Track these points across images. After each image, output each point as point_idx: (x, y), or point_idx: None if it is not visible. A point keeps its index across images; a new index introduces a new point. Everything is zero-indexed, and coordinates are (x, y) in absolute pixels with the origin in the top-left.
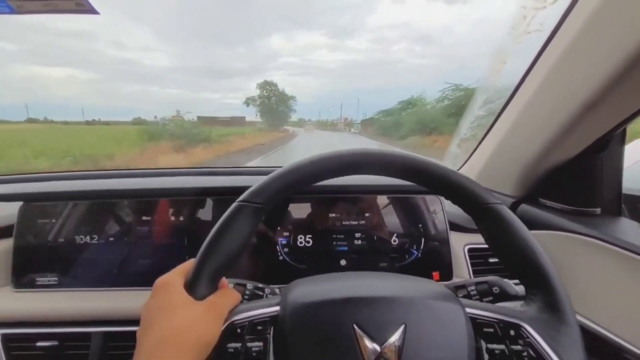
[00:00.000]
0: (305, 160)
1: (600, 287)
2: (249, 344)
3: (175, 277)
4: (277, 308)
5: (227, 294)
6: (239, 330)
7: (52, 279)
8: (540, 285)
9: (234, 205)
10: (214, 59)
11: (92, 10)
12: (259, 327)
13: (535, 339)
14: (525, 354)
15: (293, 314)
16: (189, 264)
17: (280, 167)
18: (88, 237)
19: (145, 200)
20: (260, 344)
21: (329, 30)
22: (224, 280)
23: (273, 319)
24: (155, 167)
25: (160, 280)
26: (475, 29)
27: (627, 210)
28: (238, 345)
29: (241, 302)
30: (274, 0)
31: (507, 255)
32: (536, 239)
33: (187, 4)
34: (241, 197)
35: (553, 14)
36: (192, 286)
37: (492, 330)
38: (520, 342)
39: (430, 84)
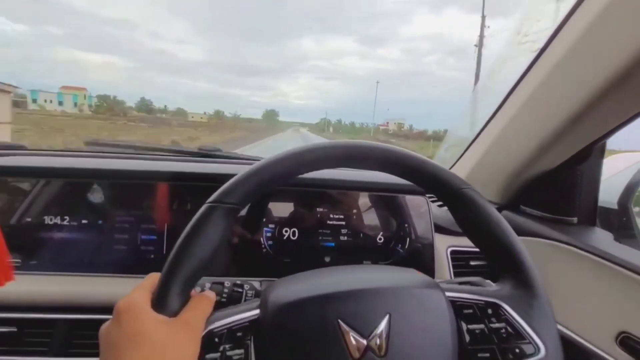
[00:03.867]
0: (282, 154)
1: (574, 292)
2: (228, 353)
3: (139, 296)
4: (257, 311)
5: (201, 302)
6: (216, 340)
7: (15, 260)
8: (511, 264)
9: (204, 206)
10: (245, 56)
11: None
12: (239, 334)
13: (511, 316)
14: (503, 330)
15: (275, 315)
16: (154, 278)
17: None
18: (58, 218)
19: (124, 182)
20: (241, 351)
21: (360, 37)
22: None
23: (253, 323)
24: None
25: (122, 303)
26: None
27: (600, 222)
28: (216, 355)
29: (219, 302)
30: (308, 2)
31: (480, 237)
32: None
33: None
34: (212, 198)
35: (544, 32)
36: (161, 301)
37: (471, 311)
38: (497, 320)
39: (460, 99)
